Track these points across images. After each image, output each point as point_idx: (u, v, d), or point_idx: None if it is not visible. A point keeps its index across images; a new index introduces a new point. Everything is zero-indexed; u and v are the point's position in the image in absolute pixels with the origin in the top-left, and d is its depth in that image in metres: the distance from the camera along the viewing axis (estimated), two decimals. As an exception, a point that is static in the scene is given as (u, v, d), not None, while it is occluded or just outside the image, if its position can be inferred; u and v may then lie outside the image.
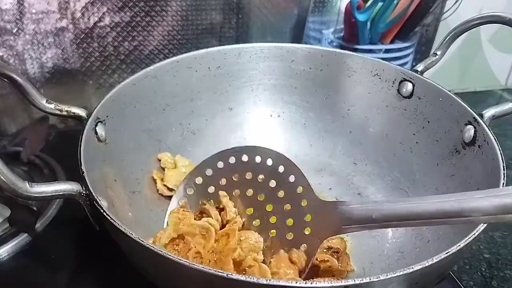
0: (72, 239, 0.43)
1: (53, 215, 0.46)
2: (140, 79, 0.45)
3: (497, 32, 0.76)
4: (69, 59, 0.60)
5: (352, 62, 0.50)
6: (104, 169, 0.38)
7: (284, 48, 0.51)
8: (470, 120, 0.39)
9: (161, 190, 0.45)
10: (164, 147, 0.48)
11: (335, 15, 0.66)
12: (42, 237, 0.43)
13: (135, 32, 0.61)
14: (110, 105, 0.41)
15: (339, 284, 0.24)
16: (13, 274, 0.40)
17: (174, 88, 0.48)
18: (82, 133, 0.36)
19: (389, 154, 0.48)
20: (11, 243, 0.42)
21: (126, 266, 0.33)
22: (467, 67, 0.78)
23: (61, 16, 0.57)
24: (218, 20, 0.64)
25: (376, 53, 0.59)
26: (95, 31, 0.59)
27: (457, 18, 0.61)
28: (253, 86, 0.53)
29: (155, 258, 0.27)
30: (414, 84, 0.46)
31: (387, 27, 0.59)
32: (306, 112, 0.53)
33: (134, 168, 0.44)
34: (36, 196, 0.30)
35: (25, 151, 0.52)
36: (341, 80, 0.51)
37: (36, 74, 0.59)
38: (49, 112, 0.39)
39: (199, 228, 0.36)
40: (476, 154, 0.38)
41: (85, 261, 0.41)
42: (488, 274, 0.42)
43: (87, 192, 0.31)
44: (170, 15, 0.62)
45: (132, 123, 0.44)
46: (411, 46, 0.62)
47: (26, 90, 0.38)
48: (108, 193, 0.36)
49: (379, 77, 0.48)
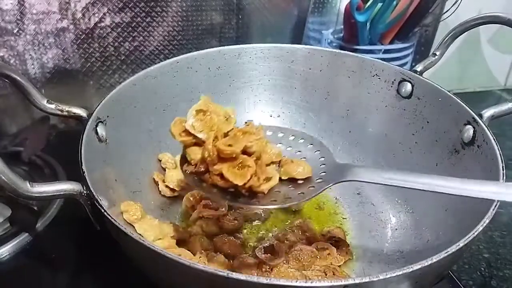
0: (72, 239, 0.43)
1: (54, 215, 0.46)
2: (140, 80, 0.45)
3: (497, 32, 0.76)
4: (70, 60, 0.60)
5: (352, 63, 0.50)
6: (104, 169, 0.38)
7: (284, 49, 0.52)
8: (469, 120, 0.39)
9: (163, 191, 0.45)
10: (164, 147, 0.48)
11: (334, 15, 0.66)
12: (42, 237, 0.43)
13: (135, 33, 0.61)
14: (110, 105, 0.41)
15: (339, 283, 0.24)
16: (13, 274, 0.40)
17: (175, 89, 0.48)
18: (83, 133, 0.36)
19: (388, 154, 0.49)
20: (12, 242, 0.42)
21: (127, 265, 0.33)
22: (467, 67, 0.78)
23: (61, 16, 0.57)
24: (218, 20, 0.64)
25: (376, 54, 0.59)
26: (96, 31, 0.59)
27: (456, 18, 0.61)
28: (253, 86, 0.53)
29: (155, 257, 0.27)
30: (414, 84, 0.46)
31: (386, 27, 0.60)
32: (306, 112, 0.53)
33: (135, 168, 0.44)
34: (37, 196, 0.30)
35: (26, 151, 0.53)
36: (340, 80, 0.51)
37: (36, 75, 0.59)
38: (50, 112, 0.39)
39: (224, 111, 0.36)
40: (475, 154, 0.38)
41: (85, 260, 0.41)
42: (488, 273, 0.42)
43: (87, 192, 0.31)
44: (170, 15, 0.62)
45: (132, 123, 0.44)
46: (410, 47, 0.62)
47: (27, 90, 0.38)
48: (109, 193, 0.36)
49: (379, 78, 0.49)
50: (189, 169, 0.35)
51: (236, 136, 0.34)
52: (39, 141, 0.54)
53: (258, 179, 0.33)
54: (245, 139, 0.33)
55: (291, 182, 0.35)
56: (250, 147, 0.33)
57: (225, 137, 0.34)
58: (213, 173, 0.33)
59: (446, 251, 0.26)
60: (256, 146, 0.33)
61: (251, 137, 0.33)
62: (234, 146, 0.32)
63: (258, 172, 0.33)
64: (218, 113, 0.35)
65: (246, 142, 0.33)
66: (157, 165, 0.47)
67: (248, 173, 0.32)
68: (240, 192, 0.33)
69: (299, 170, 0.35)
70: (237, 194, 0.33)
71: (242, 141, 0.33)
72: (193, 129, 0.34)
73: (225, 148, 0.32)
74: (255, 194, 0.33)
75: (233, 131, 0.35)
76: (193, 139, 0.35)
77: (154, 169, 0.46)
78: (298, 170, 0.35)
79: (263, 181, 0.33)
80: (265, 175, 0.34)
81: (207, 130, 0.34)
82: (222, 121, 0.35)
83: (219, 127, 0.34)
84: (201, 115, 0.35)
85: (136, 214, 0.37)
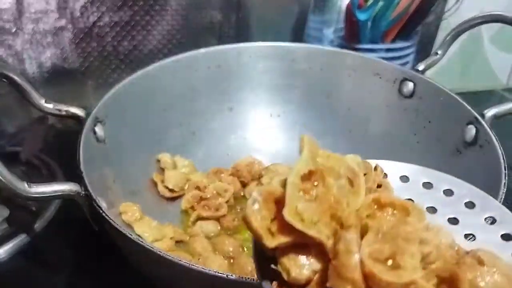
0: (70, 240, 0.43)
1: (52, 216, 0.45)
2: (139, 79, 0.44)
3: (499, 31, 0.75)
4: (68, 59, 0.59)
5: (353, 62, 0.50)
6: (103, 170, 0.38)
7: (284, 48, 0.51)
8: (471, 120, 0.39)
9: (162, 192, 0.44)
10: (163, 148, 0.47)
11: (336, 14, 0.65)
12: (40, 238, 0.43)
13: (134, 31, 0.61)
14: (109, 105, 0.40)
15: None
16: (11, 275, 0.39)
17: (174, 88, 0.48)
18: (81, 133, 0.36)
19: (389, 154, 0.48)
20: (9, 243, 0.41)
21: (125, 266, 0.32)
22: (469, 66, 0.78)
23: (60, 15, 0.57)
24: (217, 19, 0.64)
25: (377, 53, 0.59)
26: (94, 30, 0.59)
27: (458, 17, 0.61)
28: (253, 85, 0.53)
29: (154, 259, 0.26)
30: (415, 83, 0.45)
31: (388, 26, 0.59)
32: (306, 112, 0.53)
33: (134, 168, 0.43)
34: (34, 197, 0.30)
35: (23, 151, 0.52)
36: (341, 79, 0.50)
37: (35, 74, 0.59)
38: (48, 112, 0.38)
39: (346, 168, 0.19)
40: (478, 154, 0.38)
41: (83, 262, 0.41)
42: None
43: (86, 192, 0.31)
44: (170, 14, 0.62)
45: (131, 123, 0.44)
46: (412, 46, 0.62)
47: (25, 90, 0.38)
48: (107, 194, 0.36)
49: (380, 77, 0.48)
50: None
51: (379, 220, 0.17)
52: (37, 141, 0.54)
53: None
54: (405, 233, 0.16)
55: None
56: (428, 256, 0.17)
57: (363, 229, 0.17)
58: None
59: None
60: (437, 253, 0.17)
61: (413, 224, 0.17)
62: (402, 262, 0.16)
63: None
64: (337, 173, 0.18)
65: (415, 242, 0.16)
66: (156, 165, 0.47)
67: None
68: None
69: (496, 281, 0.17)
70: None
71: (408, 242, 0.16)
72: (302, 221, 0.17)
73: (389, 278, 0.15)
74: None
75: (366, 207, 0.18)
76: (296, 238, 0.17)
77: (153, 169, 0.46)
78: (494, 281, 0.17)
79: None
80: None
81: (327, 218, 0.17)
82: (346, 190, 0.18)
83: (356, 215, 0.18)
84: (308, 184, 0.18)
85: (135, 215, 0.36)
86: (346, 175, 0.19)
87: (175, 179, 0.44)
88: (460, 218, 0.22)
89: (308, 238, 0.17)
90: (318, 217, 0.17)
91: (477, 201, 0.23)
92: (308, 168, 0.17)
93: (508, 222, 0.21)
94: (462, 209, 0.23)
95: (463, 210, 0.23)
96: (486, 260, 0.17)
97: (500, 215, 0.22)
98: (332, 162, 0.19)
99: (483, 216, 0.22)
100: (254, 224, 0.17)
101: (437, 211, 0.23)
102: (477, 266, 0.17)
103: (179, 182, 0.44)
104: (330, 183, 0.18)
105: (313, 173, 0.18)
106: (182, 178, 0.45)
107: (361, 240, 0.17)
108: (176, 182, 0.44)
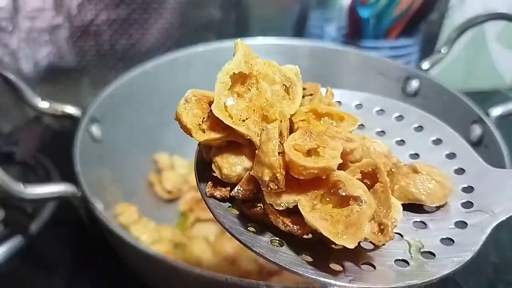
0: (66, 241, 0.42)
1: (48, 217, 0.45)
2: (136, 77, 0.44)
3: (503, 30, 0.75)
4: (65, 57, 0.59)
5: (355, 60, 0.49)
6: (99, 170, 0.37)
7: (285, 45, 0.51)
8: (476, 120, 0.39)
9: (160, 193, 0.44)
10: (161, 147, 0.47)
11: (338, 11, 0.65)
12: (36, 239, 0.42)
13: (132, 29, 0.60)
14: (105, 104, 0.40)
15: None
16: (7, 276, 0.39)
17: (172, 86, 0.47)
18: (77, 132, 0.35)
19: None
20: (5, 245, 0.41)
21: (122, 268, 0.32)
22: (473, 66, 0.77)
23: (56, 13, 0.56)
24: (217, 16, 0.63)
25: (380, 50, 0.58)
26: (92, 28, 0.58)
27: (462, 15, 0.60)
28: (253, 84, 0.52)
29: (152, 262, 0.26)
30: (419, 82, 0.45)
31: (391, 23, 0.58)
32: (307, 111, 0.52)
33: (131, 169, 0.43)
34: (30, 198, 0.30)
35: (19, 151, 0.52)
36: (344, 77, 0.50)
37: (30, 73, 0.58)
38: (43, 111, 0.38)
39: (281, 74, 0.20)
40: (483, 154, 0.37)
41: (79, 263, 0.40)
42: (493, 277, 0.41)
43: (82, 194, 0.30)
44: (168, 11, 0.61)
45: (128, 122, 0.43)
46: (415, 44, 0.61)
47: (20, 89, 0.37)
48: (104, 195, 0.35)
49: (383, 75, 0.47)
50: (216, 192, 0.19)
51: (313, 125, 0.19)
52: (33, 141, 0.53)
53: (381, 228, 0.16)
54: (332, 131, 0.18)
55: (413, 214, 0.19)
56: (352, 152, 0.18)
57: (295, 132, 0.18)
58: (273, 209, 0.17)
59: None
60: (361, 149, 0.18)
61: (344, 127, 0.18)
62: (323, 153, 0.17)
63: (381, 213, 0.17)
64: (271, 78, 0.19)
65: (340, 139, 0.17)
66: (153, 166, 0.46)
67: (363, 219, 0.16)
68: (318, 241, 0.17)
69: (429, 187, 0.19)
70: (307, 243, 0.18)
71: (333, 139, 0.17)
72: (230, 118, 0.18)
73: (306, 163, 0.16)
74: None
75: (301, 114, 0.19)
76: (227, 136, 0.18)
77: (150, 170, 0.45)
78: (426, 188, 0.19)
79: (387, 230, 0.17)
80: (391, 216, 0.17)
81: (257, 117, 0.18)
82: (281, 96, 0.19)
83: (281, 112, 0.18)
84: (240, 87, 0.19)
85: (132, 216, 0.35)
86: (282, 82, 0.20)
87: (173, 180, 0.44)
88: (407, 140, 0.24)
89: (238, 136, 0.18)
90: (247, 115, 0.18)
91: (426, 125, 0.24)
92: (240, 70, 0.19)
93: (453, 142, 0.23)
94: (410, 132, 0.24)
95: (411, 133, 0.24)
96: (420, 168, 0.20)
97: (446, 136, 0.23)
98: (268, 68, 0.20)
99: (430, 138, 0.23)
100: (184, 119, 0.19)
101: (385, 134, 0.24)
102: (411, 174, 0.20)
103: (177, 183, 0.44)
104: (264, 87, 0.19)
105: (247, 77, 0.19)
106: (180, 179, 0.44)
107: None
108: (174, 183, 0.43)
